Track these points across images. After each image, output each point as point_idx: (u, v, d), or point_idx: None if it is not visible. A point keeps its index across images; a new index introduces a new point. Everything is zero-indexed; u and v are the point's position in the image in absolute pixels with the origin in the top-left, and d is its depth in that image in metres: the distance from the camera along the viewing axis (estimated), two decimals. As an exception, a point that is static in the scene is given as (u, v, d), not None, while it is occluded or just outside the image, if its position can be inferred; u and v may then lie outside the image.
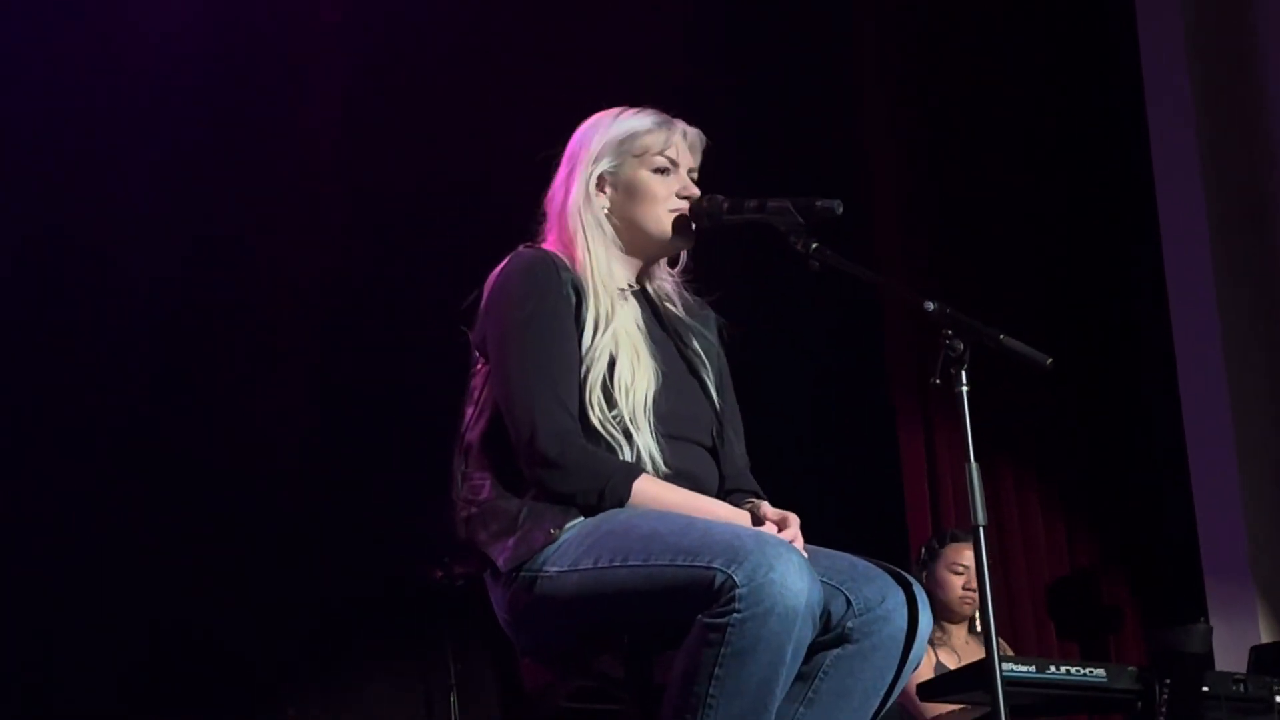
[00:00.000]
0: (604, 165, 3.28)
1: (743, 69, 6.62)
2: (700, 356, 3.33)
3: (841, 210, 3.16)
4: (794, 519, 3.14)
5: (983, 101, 6.61)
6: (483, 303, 3.24)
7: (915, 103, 6.62)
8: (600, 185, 3.28)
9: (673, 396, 3.21)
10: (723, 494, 3.27)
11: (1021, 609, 6.28)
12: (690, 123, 3.36)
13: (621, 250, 3.30)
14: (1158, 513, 6.34)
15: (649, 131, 3.29)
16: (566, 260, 3.23)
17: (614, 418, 3.12)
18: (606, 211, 3.28)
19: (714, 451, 3.30)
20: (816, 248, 3.16)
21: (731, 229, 3.30)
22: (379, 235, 6.43)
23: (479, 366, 3.24)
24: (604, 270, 3.23)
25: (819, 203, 3.18)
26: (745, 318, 3.52)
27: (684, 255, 3.39)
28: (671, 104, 3.38)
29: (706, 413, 3.30)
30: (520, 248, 3.27)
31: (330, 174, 6.44)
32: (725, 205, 3.26)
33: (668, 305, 3.37)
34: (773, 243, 3.24)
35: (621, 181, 3.29)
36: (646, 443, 3.13)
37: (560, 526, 3.05)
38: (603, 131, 3.30)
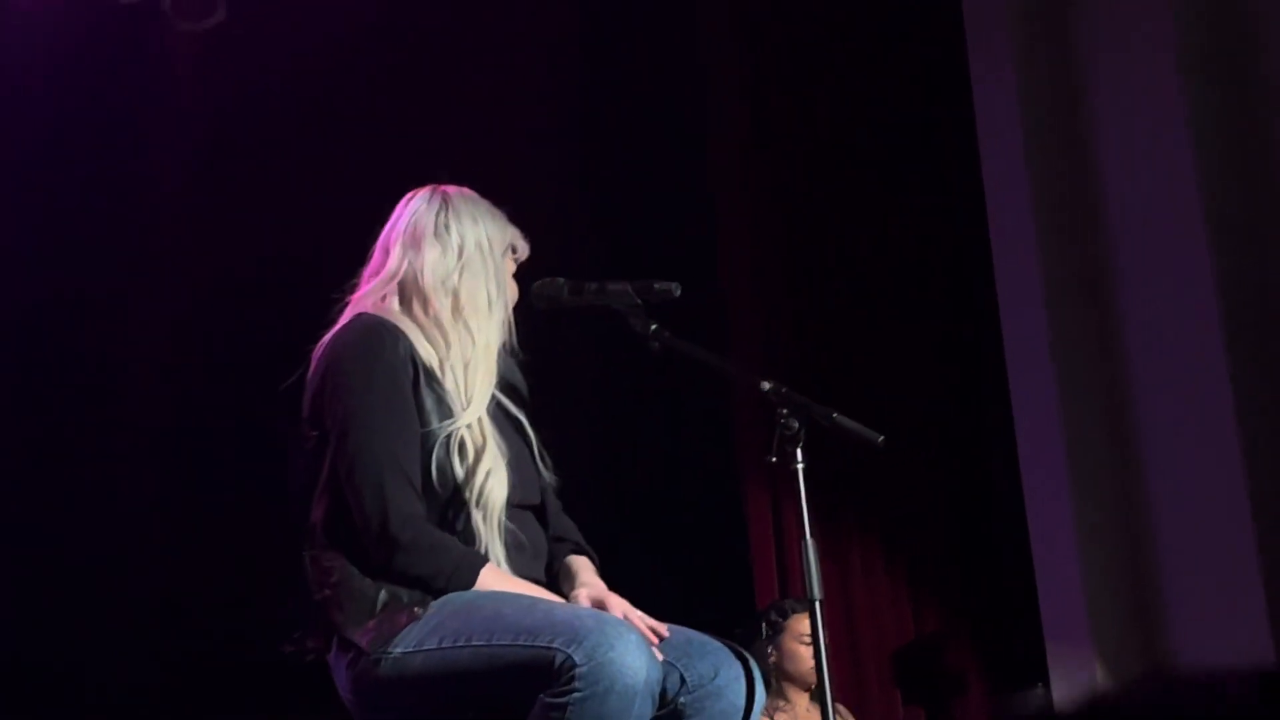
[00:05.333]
0: (493, 253, 3.32)
1: (592, 150, 6.68)
2: (524, 418, 3.37)
3: (679, 292, 3.23)
4: (613, 601, 3.19)
5: (830, 185, 6.71)
6: (314, 372, 3.23)
7: (766, 183, 6.71)
8: (483, 265, 3.31)
9: (514, 471, 3.25)
10: (550, 543, 3.33)
11: (868, 676, 6.34)
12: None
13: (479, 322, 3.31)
14: (999, 580, 6.43)
15: (518, 237, 3.37)
16: (411, 325, 3.24)
17: (461, 505, 3.16)
18: (480, 288, 3.30)
19: (541, 507, 3.36)
20: (655, 329, 3.22)
21: (572, 311, 3.35)
22: (223, 308, 6.40)
23: (311, 440, 3.23)
24: (467, 349, 3.25)
25: (657, 285, 3.24)
26: (597, 391, 3.56)
27: None
28: (520, 184, 3.43)
29: (534, 475, 3.34)
30: (353, 315, 3.27)
31: (173, 254, 6.42)
32: (566, 288, 3.32)
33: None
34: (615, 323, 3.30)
35: (497, 272, 3.33)
36: (495, 552, 3.17)
37: (424, 605, 3.06)
38: (487, 220, 3.35)
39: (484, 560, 3.13)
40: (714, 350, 3.29)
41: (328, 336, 3.26)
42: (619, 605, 3.18)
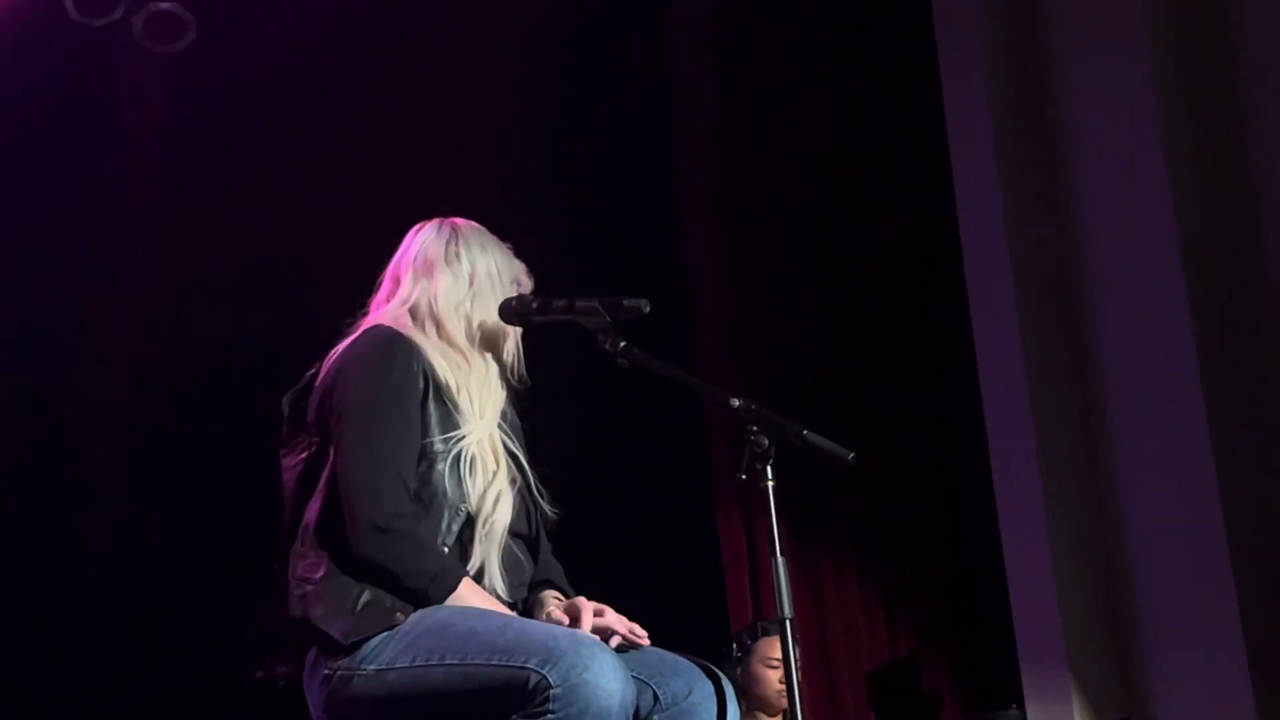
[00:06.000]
0: (502, 282, 3.37)
1: (560, 167, 6.69)
2: (523, 450, 3.38)
3: (649, 309, 3.23)
4: (581, 602, 3.21)
5: (799, 199, 6.71)
6: (324, 378, 3.25)
7: (734, 197, 6.72)
8: (494, 294, 3.35)
9: (517, 495, 3.28)
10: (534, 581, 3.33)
11: (843, 699, 6.33)
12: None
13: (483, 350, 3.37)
14: (974, 601, 6.42)
15: (523, 271, 3.43)
16: (426, 342, 3.27)
17: (468, 522, 3.17)
18: (491, 316, 3.34)
19: (533, 539, 3.36)
20: (625, 346, 3.22)
21: (542, 328, 3.36)
22: (194, 321, 6.41)
23: (314, 445, 3.24)
24: (481, 372, 3.29)
25: (626, 301, 3.25)
26: (570, 408, 3.56)
27: None
28: (495, 202, 3.45)
29: (531, 507, 3.36)
30: (373, 324, 3.30)
31: (148, 268, 6.43)
32: (535, 305, 3.34)
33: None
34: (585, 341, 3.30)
35: (505, 297, 3.37)
36: (492, 569, 3.20)
37: (405, 612, 3.06)
38: (495, 251, 3.41)
39: (465, 572, 3.13)
40: (685, 367, 3.29)
41: (341, 346, 3.30)
42: (589, 607, 3.19)
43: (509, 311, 3.33)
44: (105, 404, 6.42)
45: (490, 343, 3.35)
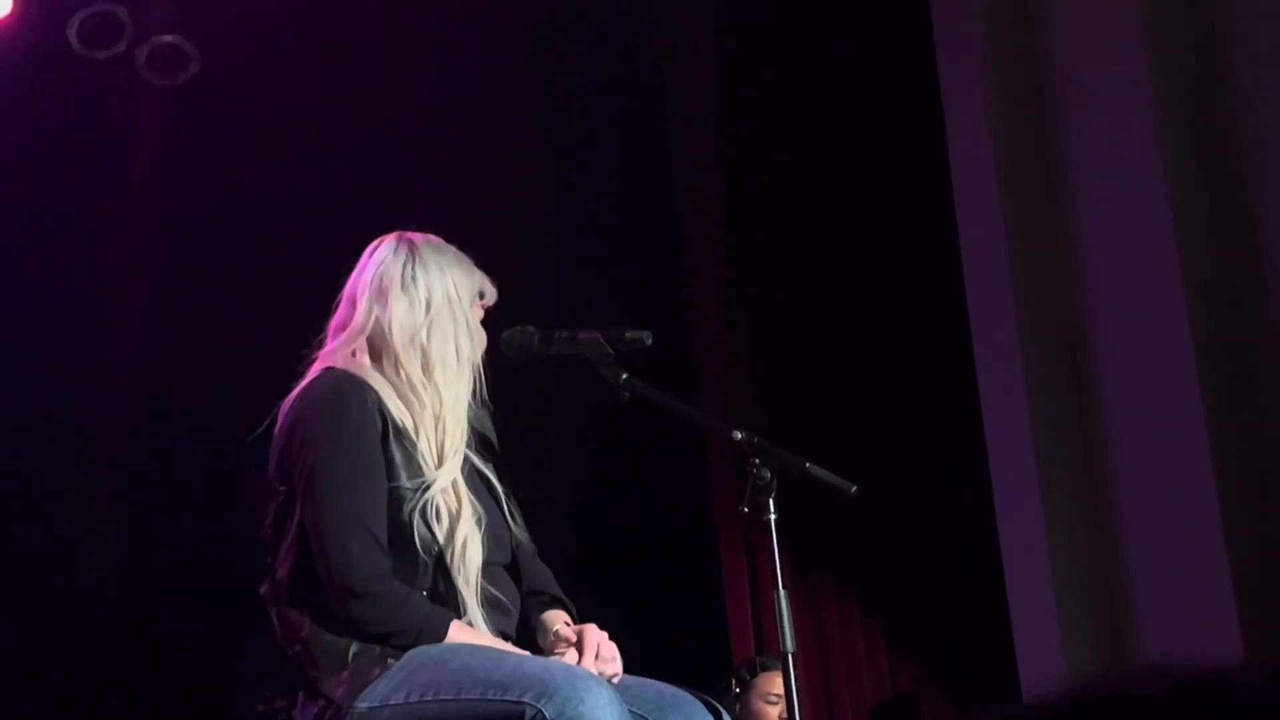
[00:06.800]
0: (461, 303, 3.28)
1: (563, 194, 6.69)
2: (493, 473, 3.35)
3: (651, 341, 3.22)
4: (590, 630, 3.17)
5: (802, 226, 6.70)
6: (280, 429, 3.21)
7: (735, 203, 6.71)
8: (452, 318, 3.27)
9: (487, 531, 3.24)
10: (525, 597, 3.31)
11: (842, 733, 6.31)
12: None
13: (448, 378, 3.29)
14: (977, 635, 6.39)
15: (486, 282, 3.33)
16: (383, 382, 3.21)
17: (442, 569, 3.14)
18: (449, 343, 3.27)
19: (512, 563, 3.33)
20: (627, 378, 3.21)
21: (543, 360, 3.34)
22: (195, 348, 6.41)
23: (280, 495, 3.20)
24: (437, 407, 3.22)
25: (629, 333, 3.24)
26: (571, 439, 3.54)
27: None
28: (492, 227, 3.42)
29: (505, 532, 3.32)
30: (322, 369, 3.25)
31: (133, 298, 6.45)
32: (537, 337, 3.31)
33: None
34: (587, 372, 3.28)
35: (467, 323, 3.29)
36: (474, 613, 3.16)
37: (396, 656, 3.04)
38: (454, 268, 3.31)
39: (452, 616, 3.11)
40: (685, 369, 3.28)
41: (295, 392, 3.24)
42: (593, 635, 3.17)
43: (510, 344, 3.31)
44: (108, 422, 6.41)
45: (450, 371, 3.24)
